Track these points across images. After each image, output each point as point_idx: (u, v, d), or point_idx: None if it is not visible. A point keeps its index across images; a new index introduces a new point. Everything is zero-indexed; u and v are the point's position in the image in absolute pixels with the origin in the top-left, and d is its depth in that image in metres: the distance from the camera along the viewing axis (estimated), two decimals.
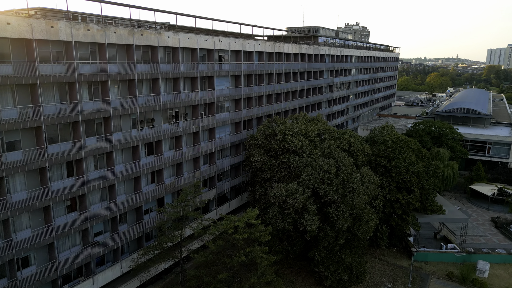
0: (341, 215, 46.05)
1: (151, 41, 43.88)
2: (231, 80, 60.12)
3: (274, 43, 68.17)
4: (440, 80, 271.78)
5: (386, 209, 56.32)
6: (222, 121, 57.93)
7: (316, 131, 57.70)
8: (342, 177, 47.30)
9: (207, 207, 58.56)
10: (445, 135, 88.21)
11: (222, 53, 57.43)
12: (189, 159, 52.99)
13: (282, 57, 71.55)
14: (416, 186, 55.94)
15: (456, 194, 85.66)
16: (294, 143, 53.86)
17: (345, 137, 55.89)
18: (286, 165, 54.55)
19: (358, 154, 55.33)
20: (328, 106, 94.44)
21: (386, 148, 58.69)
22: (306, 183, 47.15)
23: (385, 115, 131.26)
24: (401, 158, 56.45)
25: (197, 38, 50.41)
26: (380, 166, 58.14)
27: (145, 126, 45.85)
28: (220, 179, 61.06)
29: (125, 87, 42.95)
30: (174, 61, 48.21)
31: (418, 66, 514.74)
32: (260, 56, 65.89)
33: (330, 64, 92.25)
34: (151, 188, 47.95)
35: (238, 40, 58.71)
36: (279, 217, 46.42)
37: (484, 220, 72.02)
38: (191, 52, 51.30)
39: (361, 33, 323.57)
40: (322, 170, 46.88)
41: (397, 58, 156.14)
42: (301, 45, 77.70)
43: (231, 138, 61.36)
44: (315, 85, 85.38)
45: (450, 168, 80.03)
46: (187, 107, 52.09)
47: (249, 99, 64.33)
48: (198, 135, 53.34)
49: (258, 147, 57.70)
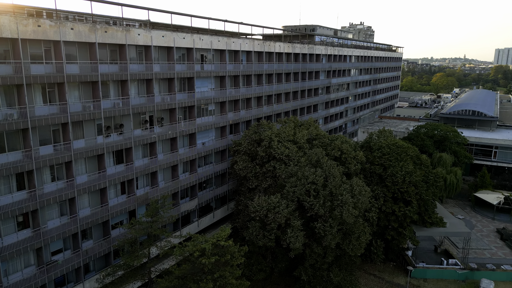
0: (329, 230, 41.66)
1: (117, 39, 39.73)
2: (215, 82, 55.89)
3: (263, 42, 63.88)
4: (446, 81, 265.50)
5: (381, 222, 51.81)
6: (205, 126, 53.71)
7: (306, 137, 53.31)
8: (330, 188, 42.90)
9: (188, 218, 54.38)
10: (449, 139, 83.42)
11: (205, 53, 53.23)
12: (166, 167, 48.84)
13: (273, 57, 67.22)
14: (414, 197, 51.40)
15: (460, 202, 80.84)
16: (280, 150, 49.54)
17: (336, 143, 51.45)
18: (272, 173, 50.26)
19: (350, 162, 50.87)
20: (325, 108, 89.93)
21: (381, 155, 54.16)
22: (290, 195, 42.81)
23: (387, 117, 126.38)
24: (398, 166, 51.91)
25: (173, 36, 46.24)
26: (375, 174, 53.64)
27: (112, 133, 41.76)
28: (203, 187, 56.85)
29: (88, 90, 38.85)
30: (147, 61, 44.09)
31: (424, 66, 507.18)
32: (248, 55, 61.59)
33: (327, 64, 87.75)
34: (121, 200, 43.84)
35: (222, 38, 54.47)
36: (260, 233, 42.11)
37: (489, 231, 67.22)
38: (167, 51, 47.15)
39: (365, 33, 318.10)
40: (308, 181, 42.52)
41: (400, 58, 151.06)
42: (294, 44, 73.34)
43: (216, 143, 57.14)
44: (310, 86, 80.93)
45: (453, 174, 75.29)
46: (163, 111, 47.93)
47: (235, 102, 60.06)
48: (176, 141, 49.16)
49: (243, 154, 53.45)
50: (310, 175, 42.52)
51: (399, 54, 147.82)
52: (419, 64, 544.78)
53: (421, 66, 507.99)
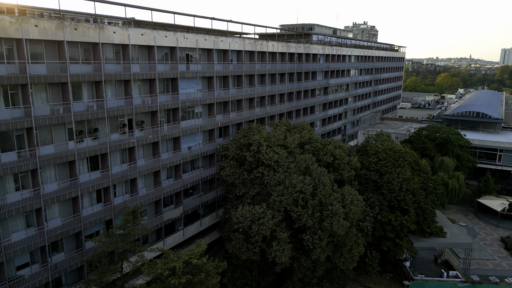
0: (318, 243, 38.67)
1: (89, 37, 36.96)
2: (202, 82, 53.03)
3: (255, 41, 60.96)
4: (451, 81, 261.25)
5: (376, 232, 48.75)
6: (191, 129, 50.87)
7: (297, 141, 50.32)
8: (320, 198, 39.91)
9: (173, 226, 51.55)
10: (451, 142, 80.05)
11: (190, 52, 50.40)
12: (148, 173, 46.04)
13: (266, 57, 64.27)
14: (412, 206, 48.29)
15: (463, 208, 77.51)
16: (269, 156, 46.60)
17: (329, 148, 48.40)
18: (260, 180, 47.35)
19: (343, 169, 47.83)
20: (322, 110, 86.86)
21: (377, 161, 51.06)
22: (276, 205, 39.86)
23: (388, 119, 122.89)
24: (395, 173, 48.81)
25: (153, 34, 43.42)
26: (371, 181, 50.56)
27: (86, 137, 39.01)
28: (190, 194, 54.00)
29: (57, 92, 36.10)
30: (125, 61, 41.32)
31: (429, 66, 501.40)
32: (238, 55, 58.68)
33: (325, 64, 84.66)
34: (97, 209, 41.09)
35: (209, 37, 51.60)
36: (244, 245, 39.18)
37: (493, 239, 63.91)
38: (148, 50, 44.36)
39: (368, 33, 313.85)
40: (296, 190, 39.54)
41: (403, 58, 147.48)
42: (289, 44, 70.35)
43: (204, 147, 54.29)
44: (307, 87, 77.90)
45: (456, 179, 71.97)
46: (144, 114, 45.13)
47: (225, 104, 57.18)
48: (158, 145, 46.35)
49: (231, 159, 50.57)
50: (298, 184, 39.55)
51: (401, 54, 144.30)
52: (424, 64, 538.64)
53: (426, 66, 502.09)
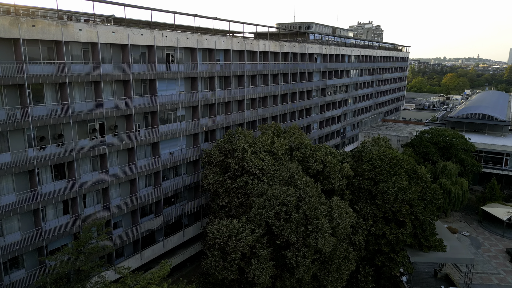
0: (302, 261, 35.18)
1: (50, 34, 33.76)
2: (185, 84, 49.74)
3: (244, 40, 57.54)
4: (457, 81, 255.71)
5: (369, 246, 45.15)
6: (172, 133, 47.60)
7: (285, 147, 46.83)
8: (305, 210, 36.40)
9: (153, 237, 48.29)
10: (455, 146, 76.15)
11: (171, 51, 47.11)
12: (123, 181, 42.79)
13: (257, 57, 60.84)
14: (408, 217, 44.63)
15: (466, 216, 73.52)
16: (253, 163, 43.16)
17: (318, 155, 44.85)
18: (244, 189, 43.96)
19: (334, 177, 44.27)
20: (320, 112, 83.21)
21: (372, 168, 47.42)
22: (257, 218, 36.40)
23: (390, 121, 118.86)
24: (390, 182, 45.15)
25: (127, 32, 40.15)
26: (365, 190, 46.95)
27: (49, 144, 35.85)
28: (172, 202, 50.72)
29: (14, 95, 32.97)
30: (94, 61, 38.10)
31: (436, 66, 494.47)
32: (226, 55, 55.30)
33: (322, 64, 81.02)
34: (63, 221, 37.93)
35: (192, 35, 48.29)
36: (220, 263, 35.77)
37: (498, 251, 59.94)
38: (122, 49, 41.13)
39: (373, 32, 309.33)
40: (278, 202, 36.07)
41: (407, 57, 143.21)
42: (282, 43, 66.85)
43: (187, 153, 51.01)
44: (302, 88, 74.34)
45: (459, 185, 68.10)
46: (118, 118, 41.88)
47: (211, 106, 53.82)
48: (133, 152, 43.11)
49: (214, 166, 47.22)
50: (280, 195, 36.07)
51: (405, 54, 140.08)
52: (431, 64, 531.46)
53: (433, 66, 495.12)
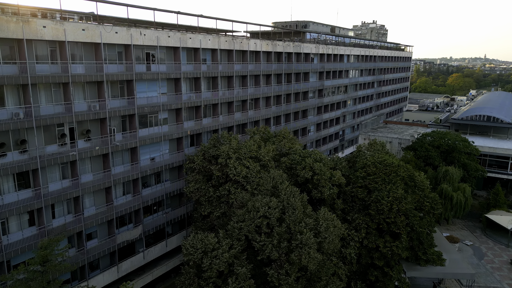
0: (284, 279, 32.18)
1: (9, 32, 31.01)
2: (167, 85, 46.93)
3: (233, 39, 54.60)
4: (463, 82, 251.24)
5: (362, 259, 42.05)
6: (152, 138, 44.78)
7: (272, 153, 43.85)
8: (288, 224, 33.40)
9: (133, 248, 45.50)
10: (458, 150, 72.86)
11: (152, 51, 44.29)
12: (97, 190, 40.02)
13: (247, 56, 57.87)
14: (404, 229, 41.49)
15: (469, 223, 70.12)
16: (237, 170, 40.23)
17: (307, 161, 41.81)
18: (227, 199, 41.04)
19: (324, 185, 41.21)
20: (317, 114, 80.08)
21: (365, 176, 44.33)
22: (235, 232, 33.44)
23: (392, 122, 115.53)
24: (385, 190, 42.03)
25: (99, 29, 37.34)
26: (358, 199, 43.86)
27: (11, 151, 33.13)
28: (154, 211, 47.91)
29: None
30: (62, 61, 35.33)
31: (441, 66, 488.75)
32: (213, 54, 52.41)
33: (319, 64, 77.92)
34: (28, 233, 35.20)
35: (174, 33, 45.43)
36: (195, 281, 32.86)
37: (502, 262, 56.57)
38: (95, 48, 38.34)
39: (378, 32, 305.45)
40: (259, 215, 33.09)
41: (410, 57, 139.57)
42: (275, 42, 63.83)
43: (171, 158, 48.19)
44: (298, 89, 71.32)
45: (461, 192, 64.78)
46: (91, 122, 39.08)
47: (197, 108, 50.96)
48: (108, 158, 40.33)
49: (197, 173, 44.35)
50: (261, 207, 33.09)
51: (408, 54, 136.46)
52: (436, 64, 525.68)
53: (439, 66, 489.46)
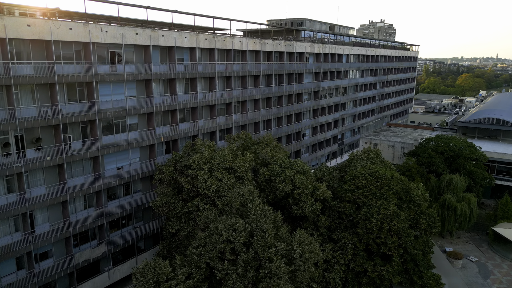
0: None
1: None
2: (137, 87, 42.67)
3: (214, 37, 50.18)
4: (473, 82, 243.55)
5: (349, 285, 37.31)
6: (119, 145, 40.53)
7: (249, 163, 39.29)
8: (256, 249, 28.86)
9: (97, 267, 41.27)
10: (463, 156, 67.65)
11: (118, 49, 40.02)
12: (51, 204, 35.86)
13: (231, 56, 53.41)
14: (396, 251, 36.71)
15: (475, 236, 64.78)
16: (206, 183, 35.79)
17: (287, 174, 37.18)
18: (196, 215, 36.62)
19: (305, 201, 36.56)
20: (312, 117, 75.36)
21: (354, 189, 39.57)
22: (195, 259, 28.96)
23: (396, 125, 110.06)
24: (375, 206, 37.27)
25: (48, 25, 33.17)
26: (345, 215, 39.14)
27: None
28: (123, 225, 43.68)
29: None
30: (4, 60, 31.20)
31: (452, 66, 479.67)
32: (191, 53, 48.08)
33: (315, 64, 73.19)
34: None
35: (143, 30, 41.14)
36: None
37: (510, 282, 51.32)
38: (46, 46, 34.19)
39: (385, 31, 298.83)
40: (221, 239, 28.59)
41: (416, 57, 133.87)
42: (264, 40, 59.26)
43: (142, 167, 43.99)
44: (290, 91, 66.66)
45: (466, 202, 59.68)
46: (43, 129, 34.95)
47: (172, 112, 46.67)
48: (63, 168, 36.14)
49: (167, 185, 40.00)
50: (224, 230, 28.57)
51: (414, 53, 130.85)
52: (447, 64, 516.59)
53: (449, 66, 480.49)
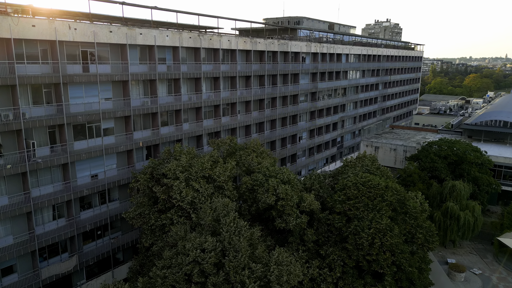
0: None
1: None
2: (113, 89, 39.86)
3: (200, 35, 47.26)
4: (480, 82, 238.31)
5: None
6: (92, 151, 37.75)
7: (229, 171, 36.26)
8: (228, 271, 25.84)
9: (69, 282, 38.49)
10: (468, 161, 64.19)
11: (91, 48, 37.21)
12: (14, 215, 33.13)
13: (219, 55, 50.45)
14: (389, 269, 33.48)
15: (479, 246, 61.23)
16: (181, 194, 32.86)
17: (271, 184, 34.11)
18: (170, 229, 33.68)
19: (289, 213, 33.49)
20: (310, 119, 72.15)
21: (345, 200, 36.40)
22: (158, 282, 25.99)
23: (399, 127, 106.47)
24: (366, 220, 34.08)
25: (7, 22, 30.41)
26: (334, 228, 35.97)
27: None
28: (98, 236, 40.89)
29: None
30: None
31: (460, 66, 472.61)
32: (174, 52, 45.19)
33: (312, 65, 69.97)
34: None
35: (119, 28, 38.29)
36: None
37: None
38: (6, 44, 31.45)
39: (391, 30, 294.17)
40: (188, 260, 25.60)
41: (420, 57, 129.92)
42: (256, 39, 56.20)
43: (119, 174, 41.21)
44: (285, 93, 63.50)
45: (470, 211, 56.32)
46: (4, 134, 32.21)
47: (153, 115, 43.80)
48: (26, 177, 33.38)
49: (143, 194, 37.14)
50: (192, 250, 25.59)
51: (418, 53, 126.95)
52: (455, 64, 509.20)
53: (457, 66, 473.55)
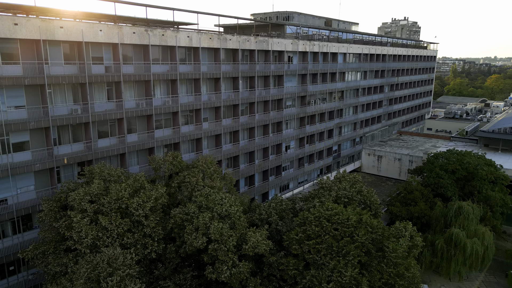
0: None
1: None
2: (26, 95, 32.74)
3: (148, 30, 39.76)
4: (503, 84, 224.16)
5: None
6: None
7: (154, 202, 28.53)
8: None
9: None
10: (479, 177, 55.07)
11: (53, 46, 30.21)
12: None
13: (176, 54, 42.92)
14: None
15: (491, 279, 51.80)
16: (82, 232, 25.40)
17: (201, 220, 26.19)
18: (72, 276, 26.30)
19: (223, 260, 25.55)
20: (298, 127, 63.89)
21: (305, 239, 28.25)
22: None
23: (408, 133, 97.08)
24: (327, 268, 25.90)
25: None
26: (289, 277, 27.84)
27: None
28: (11, 272, 33.83)
29: None
30: None
31: (483, 67, 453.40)
32: (114, 51, 37.84)
33: (300, 65, 61.69)
34: None
35: (27, 20, 31.12)
36: None
37: None
38: None
39: (409, 29, 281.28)
40: None
41: (434, 57, 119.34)
42: (225, 36, 48.36)
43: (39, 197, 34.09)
44: (266, 97, 55.44)
45: (479, 238, 47.43)
46: None
47: (85, 126, 36.51)
48: None
49: (49, 227, 29.87)
50: None
51: (432, 52, 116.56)
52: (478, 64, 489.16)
53: (480, 66, 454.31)
